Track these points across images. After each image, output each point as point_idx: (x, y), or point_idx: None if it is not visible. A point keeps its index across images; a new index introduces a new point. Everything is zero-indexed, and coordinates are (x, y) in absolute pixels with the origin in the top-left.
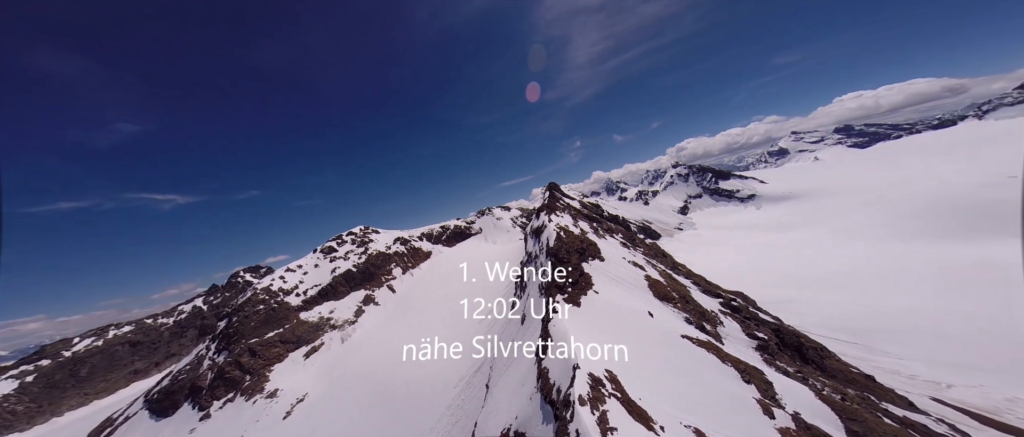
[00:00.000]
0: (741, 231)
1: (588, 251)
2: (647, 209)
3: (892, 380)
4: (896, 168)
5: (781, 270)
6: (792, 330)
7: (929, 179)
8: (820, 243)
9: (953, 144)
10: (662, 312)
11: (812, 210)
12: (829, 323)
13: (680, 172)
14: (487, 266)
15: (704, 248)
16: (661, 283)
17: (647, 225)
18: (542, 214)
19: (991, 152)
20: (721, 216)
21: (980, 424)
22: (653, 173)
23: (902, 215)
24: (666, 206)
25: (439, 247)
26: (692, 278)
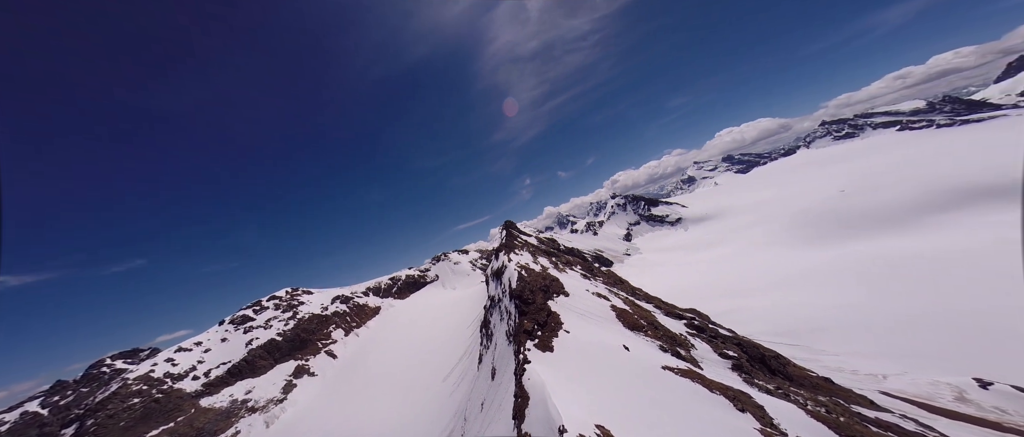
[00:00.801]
0: (677, 251)
1: (552, 288)
2: (597, 239)
3: (842, 378)
4: (769, 189)
5: (717, 283)
6: (749, 341)
7: (792, 196)
8: (740, 256)
9: (797, 167)
10: (636, 344)
11: (726, 228)
12: (771, 328)
13: (618, 202)
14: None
15: (651, 270)
16: (628, 312)
17: (599, 254)
18: (501, 254)
19: (822, 172)
20: (658, 239)
21: (928, 412)
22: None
23: (785, 227)
24: (612, 234)
25: (390, 301)
26: (652, 301)
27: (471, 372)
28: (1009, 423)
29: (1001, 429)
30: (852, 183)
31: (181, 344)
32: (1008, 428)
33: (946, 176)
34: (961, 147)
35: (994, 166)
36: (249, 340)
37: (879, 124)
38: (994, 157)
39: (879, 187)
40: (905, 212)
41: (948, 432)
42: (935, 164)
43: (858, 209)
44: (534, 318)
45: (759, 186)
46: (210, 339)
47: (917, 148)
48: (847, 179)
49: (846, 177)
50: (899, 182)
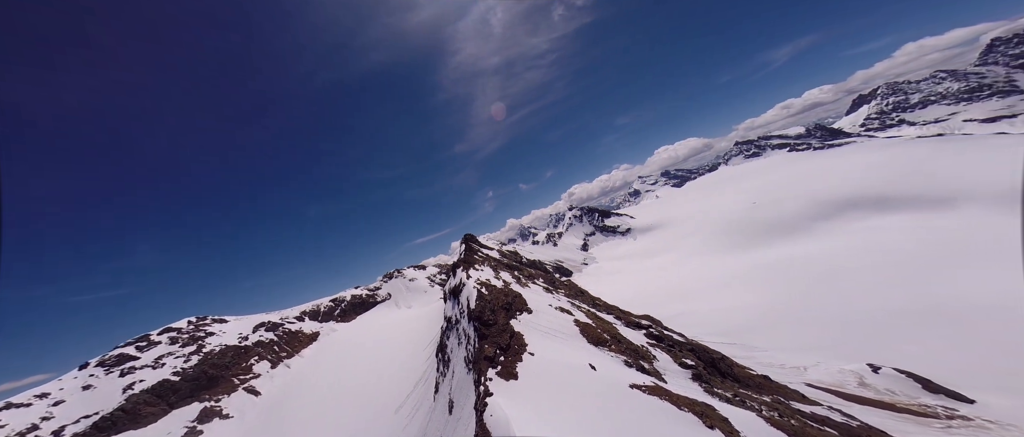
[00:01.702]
0: (628, 260)
1: (515, 305)
2: (557, 250)
3: (774, 373)
4: (700, 201)
5: (665, 289)
6: (700, 345)
7: (718, 208)
8: (681, 263)
9: (720, 182)
10: (602, 361)
11: (668, 237)
12: (713, 328)
13: (575, 214)
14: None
15: (607, 278)
16: (591, 326)
17: (560, 264)
18: (459, 271)
19: (739, 187)
20: (612, 249)
21: (843, 399)
22: (555, 217)
23: (715, 235)
24: (571, 245)
25: (331, 325)
26: (612, 311)
27: (427, 402)
28: (899, 403)
29: (894, 409)
30: (761, 196)
31: (11, 399)
32: (900, 408)
33: (824, 190)
34: (830, 167)
35: (853, 182)
36: (128, 384)
37: (775, 145)
38: (852, 175)
39: (780, 200)
40: (800, 221)
41: (860, 417)
42: (816, 181)
43: (766, 219)
44: (496, 341)
45: (691, 199)
46: (64, 388)
47: (802, 167)
48: (757, 193)
49: (756, 191)
50: (794, 196)
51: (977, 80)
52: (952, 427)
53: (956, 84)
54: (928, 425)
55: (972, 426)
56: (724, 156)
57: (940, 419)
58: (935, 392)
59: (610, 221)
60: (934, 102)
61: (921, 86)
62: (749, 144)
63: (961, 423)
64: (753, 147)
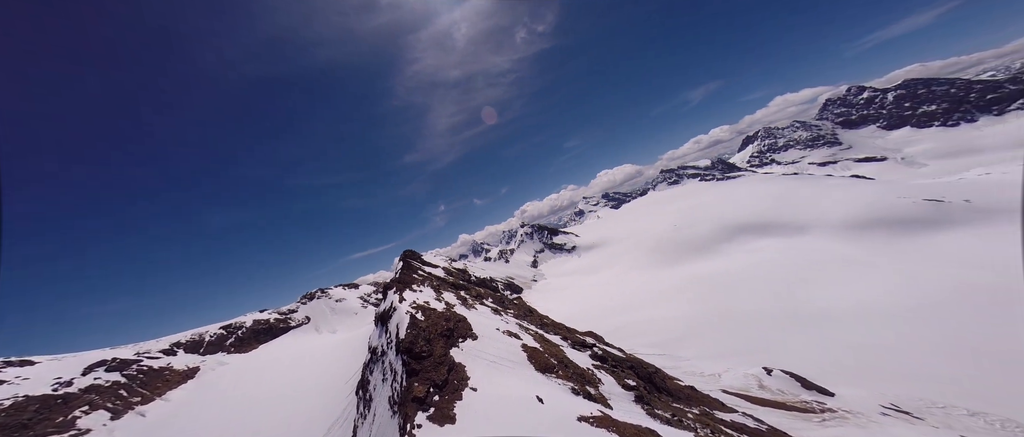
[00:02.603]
0: (574, 276)
1: (457, 331)
2: (508, 266)
3: (697, 381)
4: (634, 222)
5: (606, 303)
6: (637, 360)
7: (648, 229)
8: (619, 279)
9: (649, 205)
10: (550, 391)
11: (608, 255)
12: (647, 340)
13: (527, 231)
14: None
15: (555, 294)
16: (539, 351)
17: (511, 281)
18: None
19: (664, 210)
20: (559, 265)
21: (750, 403)
22: (508, 233)
23: (646, 253)
24: (522, 262)
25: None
26: (559, 331)
27: None
28: (788, 402)
29: (785, 408)
30: (681, 220)
31: None
32: (789, 406)
33: (725, 216)
34: (728, 196)
35: (743, 210)
36: None
37: (690, 175)
38: (742, 204)
39: (694, 223)
40: (710, 242)
41: (765, 419)
42: (719, 208)
43: (685, 240)
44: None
45: (627, 220)
46: None
47: (710, 195)
48: (678, 216)
49: (677, 215)
50: (705, 220)
51: (816, 131)
52: (825, 420)
53: (805, 133)
54: (809, 420)
55: (837, 417)
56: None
57: (817, 413)
58: (809, 388)
59: (558, 239)
60: (792, 146)
61: (784, 132)
62: (671, 172)
63: (830, 415)
64: (674, 175)
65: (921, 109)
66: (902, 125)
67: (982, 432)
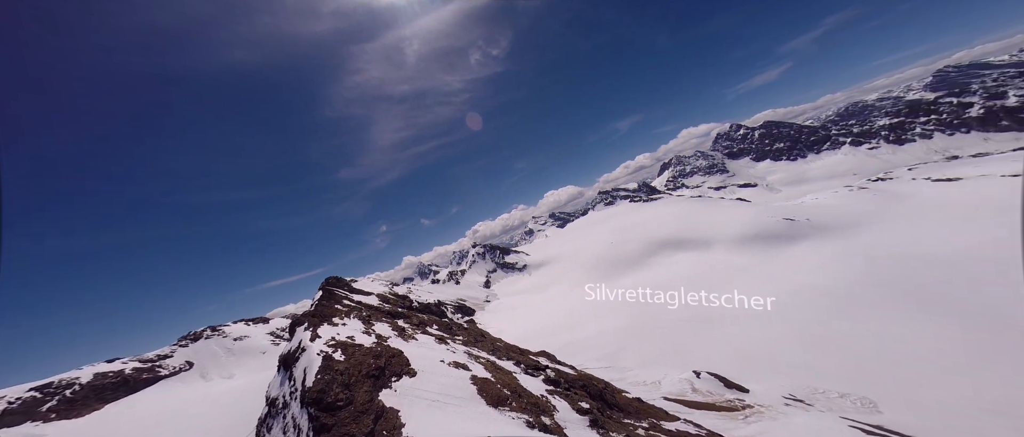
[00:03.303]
0: (526, 294)
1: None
2: (459, 288)
3: (640, 391)
4: (577, 240)
5: (556, 319)
6: (587, 376)
7: (590, 246)
8: (566, 295)
9: (591, 224)
10: (503, 427)
11: (556, 272)
12: (594, 354)
13: (478, 251)
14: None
15: (508, 314)
16: (490, 381)
17: (462, 303)
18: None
19: (602, 228)
20: (512, 284)
21: (688, 407)
22: (459, 254)
23: (589, 269)
24: (474, 283)
25: (29, 428)
26: (512, 356)
27: None
28: (717, 402)
29: (715, 408)
30: (616, 237)
31: None
32: (718, 407)
33: (650, 234)
34: (651, 216)
35: (662, 228)
36: None
37: (622, 196)
38: (662, 223)
39: (627, 240)
40: (639, 256)
41: (701, 422)
42: (645, 226)
43: (620, 255)
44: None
45: (571, 238)
46: None
47: (638, 215)
48: (613, 235)
49: (612, 233)
50: (635, 238)
51: (711, 160)
52: (747, 416)
53: (704, 162)
54: (735, 418)
55: (755, 412)
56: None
57: (740, 411)
58: (730, 387)
59: (510, 258)
60: (696, 173)
61: (690, 161)
62: (607, 194)
63: (750, 411)
64: (609, 197)
65: (775, 145)
66: (765, 158)
67: (851, 410)
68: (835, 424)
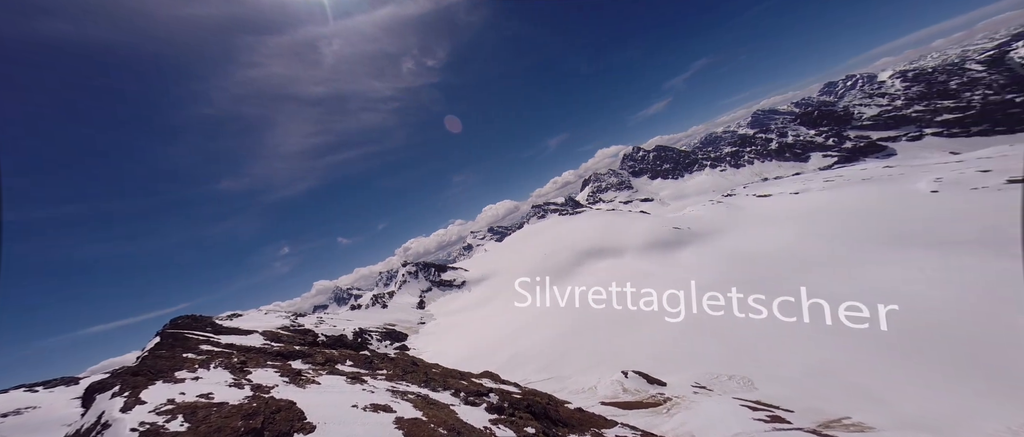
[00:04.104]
0: (465, 312)
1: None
2: (387, 312)
3: (581, 399)
4: (515, 253)
5: (498, 335)
6: (531, 393)
7: (526, 259)
8: (507, 308)
9: (526, 237)
10: None
11: (495, 286)
12: (537, 365)
13: (410, 270)
14: None
15: (447, 335)
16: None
17: (392, 328)
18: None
19: (538, 240)
20: (449, 303)
21: (622, 409)
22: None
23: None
24: (405, 305)
25: None
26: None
27: None
28: (645, 400)
29: (643, 406)
30: (549, 249)
31: None
32: (646, 403)
33: (576, 244)
34: (577, 228)
35: (585, 239)
36: None
37: (552, 210)
38: (585, 234)
39: (558, 251)
40: (569, 265)
41: (635, 423)
42: (572, 237)
43: (553, 266)
44: None
45: (509, 251)
46: None
47: (566, 227)
48: (547, 246)
49: (546, 245)
50: (564, 248)
51: (620, 178)
52: (670, 410)
53: (615, 179)
54: (660, 413)
55: (674, 404)
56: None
57: (663, 405)
58: (652, 383)
59: (446, 275)
60: (610, 189)
61: (605, 178)
62: (539, 208)
63: (670, 404)
64: (542, 210)
65: (664, 166)
66: (658, 176)
67: (738, 390)
68: (730, 405)
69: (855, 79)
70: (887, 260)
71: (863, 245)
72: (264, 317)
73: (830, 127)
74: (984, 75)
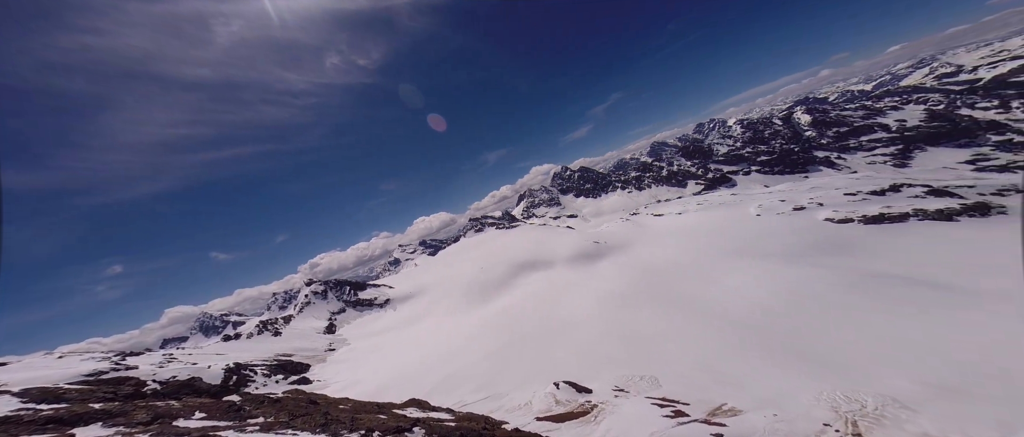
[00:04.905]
0: (390, 333)
1: None
2: (281, 340)
3: (518, 418)
4: (449, 267)
5: (431, 355)
6: (466, 420)
7: (461, 273)
8: (440, 326)
9: (462, 251)
10: None
11: (426, 302)
12: (474, 385)
13: (316, 290)
14: None
15: (367, 360)
16: None
17: (286, 360)
18: None
19: (474, 254)
20: (369, 324)
21: (556, 423)
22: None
23: (462, 296)
24: (308, 330)
25: None
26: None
27: None
28: (576, 410)
29: (574, 417)
30: (485, 262)
31: None
32: (577, 413)
33: (511, 257)
34: (512, 242)
35: (520, 252)
36: None
37: (490, 223)
38: (520, 247)
39: (494, 265)
40: (505, 278)
41: (569, 434)
42: (508, 251)
43: (490, 280)
44: None
45: (443, 266)
46: None
47: (503, 240)
48: (483, 260)
49: (482, 259)
50: (501, 262)
51: (551, 195)
52: (597, 416)
53: (546, 195)
54: (589, 422)
55: (600, 411)
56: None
57: (591, 412)
58: (581, 391)
59: (366, 293)
60: (542, 205)
61: (538, 194)
62: (476, 221)
63: (597, 410)
64: (479, 224)
65: (586, 185)
66: (581, 195)
67: (648, 389)
68: (644, 405)
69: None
70: (734, 268)
71: (720, 256)
72: (55, 362)
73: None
74: (781, 128)
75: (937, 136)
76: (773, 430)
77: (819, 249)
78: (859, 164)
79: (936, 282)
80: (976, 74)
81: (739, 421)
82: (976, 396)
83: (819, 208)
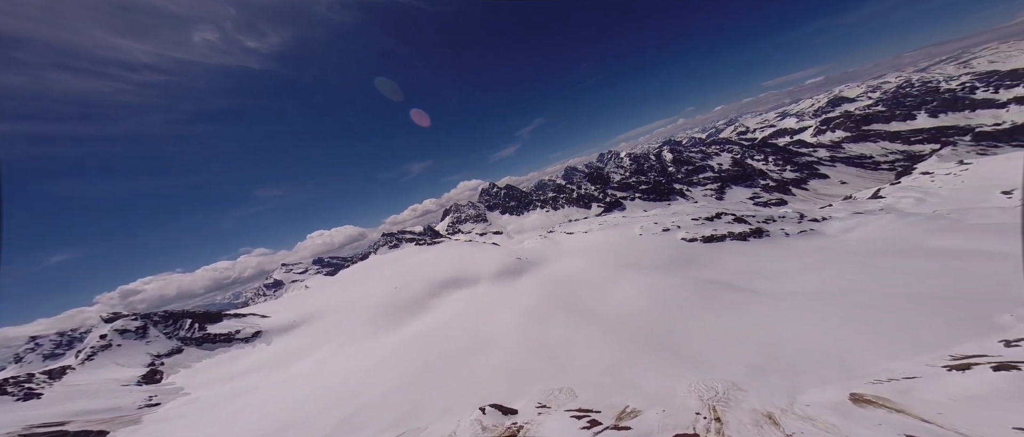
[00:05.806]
0: (260, 372)
1: None
2: (42, 405)
3: None
4: (354, 288)
5: (329, 390)
6: None
7: (370, 293)
8: (339, 355)
9: (371, 269)
10: None
11: (321, 329)
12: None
13: (124, 327)
14: None
15: (217, 414)
16: None
17: (56, 432)
18: None
19: (386, 272)
20: (223, 365)
21: None
22: (59, 339)
23: (370, 318)
24: (107, 383)
25: None
26: None
27: None
28: (502, 435)
29: None
30: (401, 281)
31: None
32: None
33: (432, 275)
34: (435, 258)
35: (443, 269)
36: None
37: (408, 239)
38: (443, 264)
39: (412, 283)
40: (425, 298)
41: None
42: (428, 268)
43: (406, 300)
44: None
45: (346, 286)
46: None
47: (422, 257)
48: (398, 278)
49: (397, 277)
50: (420, 280)
51: (477, 210)
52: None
53: (473, 211)
54: None
55: (524, 432)
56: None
57: (518, 435)
58: (506, 414)
59: (220, 326)
60: (468, 220)
61: (464, 209)
62: (392, 236)
63: (523, 432)
64: (395, 239)
65: (511, 203)
66: (507, 212)
67: (566, 401)
68: (564, 419)
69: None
70: (624, 279)
71: (615, 270)
72: None
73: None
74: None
75: (737, 177)
76: (664, 426)
77: (679, 262)
78: (698, 196)
79: (740, 286)
80: (755, 135)
81: (639, 421)
82: (772, 371)
83: (677, 230)
